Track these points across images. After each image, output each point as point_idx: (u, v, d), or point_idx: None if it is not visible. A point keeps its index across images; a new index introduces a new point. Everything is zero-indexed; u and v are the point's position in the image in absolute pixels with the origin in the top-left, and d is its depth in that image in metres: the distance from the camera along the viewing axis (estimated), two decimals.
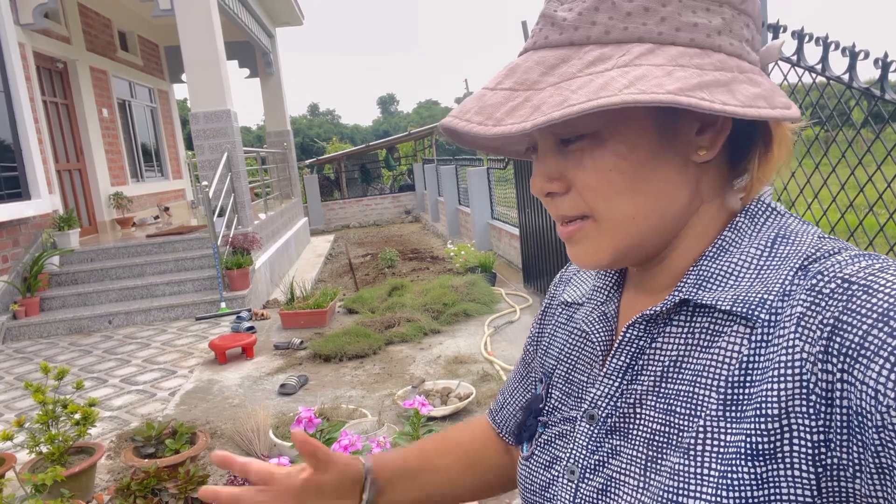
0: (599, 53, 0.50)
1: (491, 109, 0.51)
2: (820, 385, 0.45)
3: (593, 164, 0.54)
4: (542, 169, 0.57)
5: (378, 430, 3.28)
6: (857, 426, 0.43)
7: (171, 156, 13.47)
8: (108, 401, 4.45)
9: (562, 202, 0.57)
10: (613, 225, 0.56)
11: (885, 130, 2.24)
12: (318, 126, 55.24)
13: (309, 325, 6.05)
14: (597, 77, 0.48)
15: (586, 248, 0.58)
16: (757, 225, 0.56)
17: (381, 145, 21.25)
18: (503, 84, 0.52)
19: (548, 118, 0.47)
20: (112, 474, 3.31)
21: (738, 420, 0.49)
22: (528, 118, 0.48)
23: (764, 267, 0.53)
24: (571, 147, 0.55)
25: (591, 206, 0.56)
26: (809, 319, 0.47)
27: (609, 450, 0.59)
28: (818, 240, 0.53)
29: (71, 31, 9.11)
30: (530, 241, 6.34)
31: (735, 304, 0.52)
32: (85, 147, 9.40)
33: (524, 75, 0.51)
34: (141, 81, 12.15)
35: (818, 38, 2.27)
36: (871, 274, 0.46)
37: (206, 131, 7.51)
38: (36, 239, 7.31)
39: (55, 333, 6.50)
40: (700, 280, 0.55)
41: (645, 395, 0.57)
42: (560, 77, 0.50)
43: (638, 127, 0.53)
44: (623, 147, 0.53)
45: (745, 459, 0.48)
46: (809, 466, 0.45)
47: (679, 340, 0.56)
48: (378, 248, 12.06)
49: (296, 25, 13.68)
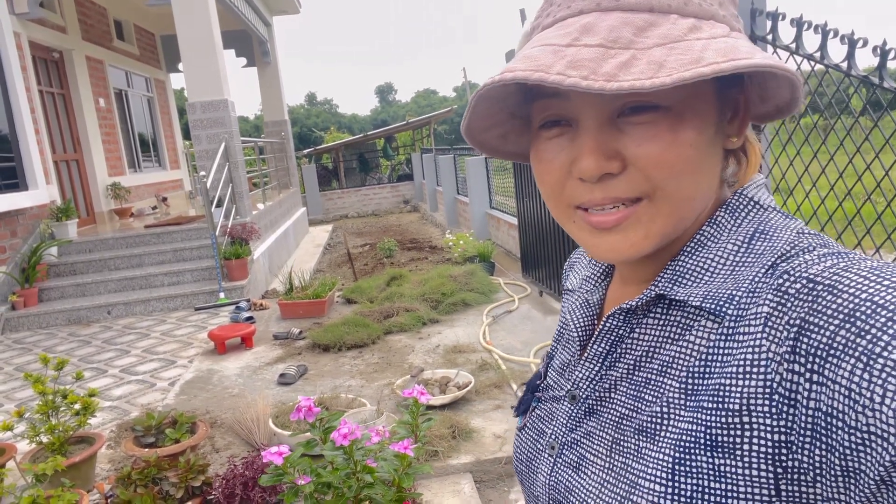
0: (691, 23, 0.50)
1: (591, 64, 0.46)
2: (784, 385, 0.45)
3: (671, 137, 0.51)
4: (596, 145, 0.52)
5: (377, 419, 3.30)
6: (824, 427, 0.42)
7: (168, 146, 13.43)
8: (108, 391, 4.46)
9: (616, 183, 0.52)
10: (673, 206, 0.53)
11: (883, 118, 2.23)
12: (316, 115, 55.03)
13: (308, 315, 6.06)
14: (711, 42, 0.48)
15: (635, 235, 0.54)
16: (737, 220, 0.56)
17: (379, 135, 21.19)
18: (583, 41, 0.48)
19: (696, 73, 0.44)
20: (112, 464, 3.33)
21: (695, 409, 0.50)
22: (655, 74, 0.44)
23: (739, 263, 0.53)
24: (636, 119, 0.51)
25: (657, 185, 0.52)
26: (776, 320, 0.47)
27: (585, 430, 0.62)
28: (796, 236, 0.53)
29: (66, 20, 9.05)
30: (529, 231, 6.34)
31: (705, 301, 0.52)
32: (82, 137, 9.37)
33: (613, 33, 0.48)
34: (137, 71, 12.09)
35: (817, 25, 2.26)
36: (836, 274, 0.46)
37: (204, 121, 7.48)
38: (34, 230, 7.29)
39: (54, 324, 6.50)
40: (676, 276, 0.56)
41: (619, 380, 0.59)
42: (663, 38, 0.48)
43: (708, 105, 0.53)
44: (699, 123, 0.52)
45: (704, 449, 0.49)
46: (769, 466, 0.45)
47: (654, 332, 0.57)
48: (376, 238, 12.05)
49: (293, 14, 13.60)
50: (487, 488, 3.00)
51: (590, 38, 0.48)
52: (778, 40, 2.44)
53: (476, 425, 3.43)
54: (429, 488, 2.93)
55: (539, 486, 0.66)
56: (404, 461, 1.66)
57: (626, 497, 0.53)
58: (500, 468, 3.08)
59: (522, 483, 0.72)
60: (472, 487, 2.94)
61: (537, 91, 0.56)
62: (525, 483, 0.71)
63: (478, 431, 3.37)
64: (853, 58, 2.17)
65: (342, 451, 1.62)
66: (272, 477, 1.57)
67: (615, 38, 0.48)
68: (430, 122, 20.15)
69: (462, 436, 3.30)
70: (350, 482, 1.65)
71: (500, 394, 3.85)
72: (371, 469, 1.65)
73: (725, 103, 0.56)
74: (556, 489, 0.63)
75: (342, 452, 1.62)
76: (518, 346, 4.74)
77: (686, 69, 0.45)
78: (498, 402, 3.74)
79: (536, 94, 0.56)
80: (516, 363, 4.39)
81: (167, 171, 13.21)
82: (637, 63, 0.46)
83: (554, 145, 0.55)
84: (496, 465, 3.09)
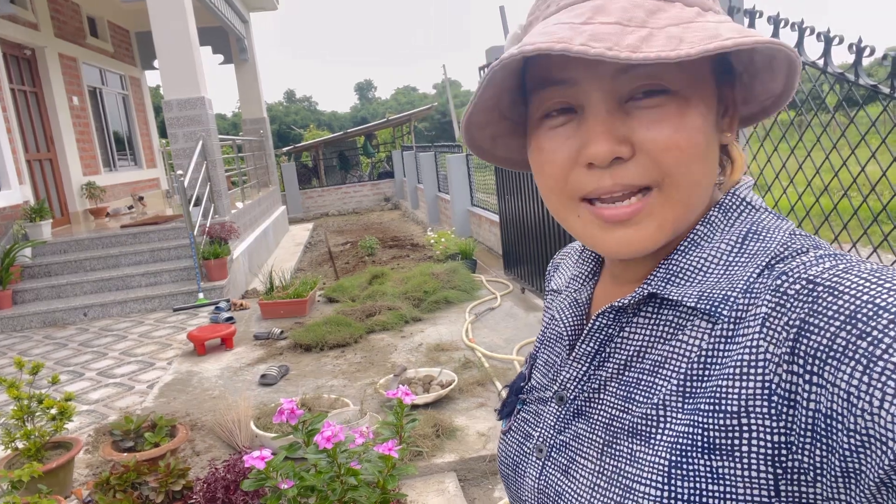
0: (697, 10, 0.50)
1: (613, 37, 0.45)
2: (783, 386, 0.45)
3: (681, 121, 0.50)
4: (606, 128, 0.51)
5: (361, 420, 3.28)
6: (824, 429, 0.42)
7: (144, 144, 13.24)
8: (85, 394, 4.39)
9: (626, 169, 0.51)
10: (682, 194, 0.52)
11: (858, 115, 2.27)
12: (295, 113, 54.61)
13: (289, 315, 6.01)
14: (722, 24, 0.49)
15: (646, 230, 0.53)
16: (730, 220, 0.56)
17: (359, 132, 21.09)
18: (599, 19, 0.48)
19: (719, 45, 0.44)
20: (91, 469, 3.27)
21: (692, 411, 0.50)
22: (676, 48, 0.44)
23: (732, 263, 0.53)
24: (645, 103, 0.51)
25: (667, 171, 0.51)
26: (774, 321, 0.46)
27: (573, 432, 0.60)
28: (789, 237, 0.53)
29: (38, 16, 8.87)
30: (510, 228, 6.35)
31: (700, 301, 0.52)
32: (56, 136, 9.20)
33: (627, 13, 0.48)
34: (112, 68, 11.90)
35: (794, 23, 2.28)
36: (836, 275, 0.46)
37: (180, 119, 7.38)
38: (7, 231, 7.15)
39: (29, 327, 6.38)
40: (669, 274, 0.55)
41: (608, 380, 0.58)
42: (676, 20, 0.48)
43: (710, 94, 0.54)
44: (705, 109, 0.52)
45: (701, 452, 0.48)
46: (768, 468, 0.45)
47: (645, 331, 0.56)
48: (358, 236, 12.00)
49: (270, 10, 13.47)
50: (472, 486, 3.00)
51: (604, 18, 0.48)
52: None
53: (460, 424, 3.43)
54: (413, 488, 2.92)
55: (527, 491, 0.65)
56: (389, 463, 1.65)
57: (620, 502, 0.53)
58: (485, 466, 3.08)
59: (508, 487, 0.70)
60: (457, 486, 2.94)
61: (539, 80, 0.55)
62: (511, 487, 0.69)
63: (462, 430, 3.37)
64: (829, 55, 2.19)
65: (326, 454, 1.60)
66: (254, 482, 1.55)
67: (630, 18, 0.48)
68: (411, 119, 20.10)
69: (446, 434, 3.30)
70: (334, 485, 1.64)
71: (483, 392, 3.86)
72: (355, 472, 1.63)
73: (720, 98, 0.56)
74: (545, 493, 0.62)
75: (326, 455, 1.60)
76: (501, 344, 4.75)
77: (706, 43, 0.45)
78: (481, 399, 3.74)
79: (538, 83, 0.55)
80: (499, 360, 4.40)
81: (143, 170, 13.03)
82: (656, 38, 0.46)
83: (559, 134, 0.54)
84: (480, 463, 3.09)
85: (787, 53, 0.50)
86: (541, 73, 0.54)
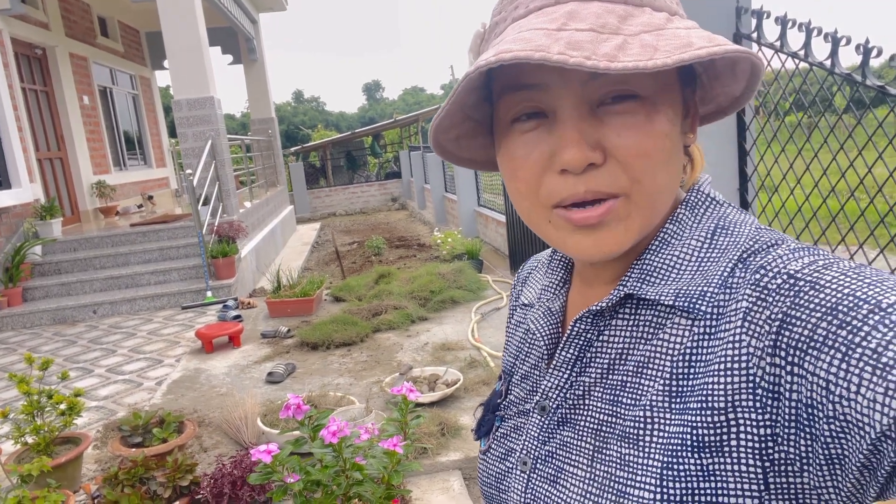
0: (665, 16, 0.51)
1: (589, 46, 0.45)
2: (766, 379, 0.45)
3: (650, 127, 0.51)
4: (579, 135, 0.50)
5: (366, 417, 3.30)
6: (807, 418, 0.43)
7: (154, 144, 13.31)
8: (94, 391, 4.42)
9: (598, 175, 0.51)
10: (649, 200, 0.52)
11: (866, 116, 2.26)
12: (303, 113, 54.75)
13: (296, 314, 6.04)
14: (692, 31, 0.49)
15: (615, 233, 0.53)
16: (697, 216, 0.57)
17: (366, 132, 21.14)
18: (573, 25, 0.47)
19: (693, 55, 0.44)
20: (99, 464, 3.30)
21: (682, 411, 0.50)
22: (652, 57, 0.44)
23: (704, 259, 0.54)
24: (616, 108, 0.51)
25: (635, 177, 0.51)
26: (756, 315, 0.47)
27: (559, 440, 0.60)
28: (755, 231, 0.54)
29: (49, 16, 8.94)
30: (517, 228, 6.35)
31: (677, 299, 0.52)
32: (66, 135, 9.27)
33: (600, 19, 0.48)
34: (122, 68, 11.97)
35: (801, 24, 2.28)
36: (817, 271, 0.46)
37: (190, 119, 7.43)
38: (17, 229, 7.21)
39: (39, 324, 6.44)
40: (643, 274, 0.56)
41: (592, 386, 0.58)
42: (647, 27, 0.48)
43: (676, 99, 0.54)
44: (672, 114, 0.53)
45: (691, 451, 0.48)
46: (756, 461, 0.46)
47: (625, 333, 0.56)
48: (365, 235, 12.03)
49: (279, 11, 13.52)
50: (476, 485, 3.01)
51: (578, 24, 0.47)
52: (763, 38, 2.46)
53: (465, 422, 3.44)
54: (418, 485, 2.94)
55: None
56: (393, 458, 1.66)
57: None
58: None
59: None
60: (462, 484, 2.95)
61: (509, 84, 0.54)
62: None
63: (467, 428, 3.38)
64: (836, 55, 2.19)
65: (331, 449, 1.61)
66: (261, 475, 1.56)
67: (603, 24, 0.47)
68: (418, 119, 20.12)
69: (451, 433, 3.31)
70: (339, 480, 1.65)
71: (488, 391, 3.86)
72: (360, 466, 1.65)
73: (683, 101, 0.57)
74: None
75: (331, 450, 1.62)
76: None
77: (680, 52, 0.45)
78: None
79: (507, 87, 0.54)
80: None
81: (153, 169, 13.10)
82: (631, 46, 0.46)
83: (530, 139, 0.53)
84: None
85: (752, 60, 0.51)
86: (510, 76, 0.53)
